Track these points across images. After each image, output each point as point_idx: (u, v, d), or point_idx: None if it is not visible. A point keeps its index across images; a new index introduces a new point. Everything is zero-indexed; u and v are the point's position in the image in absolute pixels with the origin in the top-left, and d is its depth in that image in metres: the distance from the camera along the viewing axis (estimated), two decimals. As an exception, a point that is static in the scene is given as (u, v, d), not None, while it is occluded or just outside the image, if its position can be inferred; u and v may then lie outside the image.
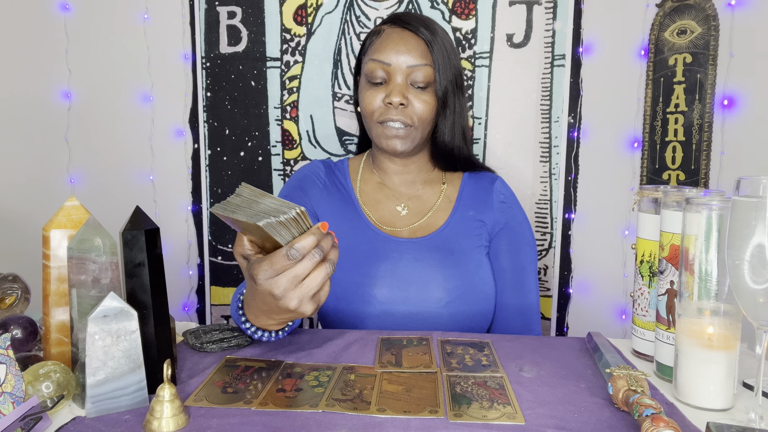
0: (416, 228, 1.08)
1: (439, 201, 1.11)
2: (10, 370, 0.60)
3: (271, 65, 1.71)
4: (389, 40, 1.04)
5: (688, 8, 1.54)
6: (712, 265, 0.66)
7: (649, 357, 0.83)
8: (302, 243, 0.66)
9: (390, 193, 1.12)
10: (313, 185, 1.14)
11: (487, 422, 0.61)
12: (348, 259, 1.03)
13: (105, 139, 1.79)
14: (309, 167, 1.17)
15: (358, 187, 1.14)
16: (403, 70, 1.02)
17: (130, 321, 0.64)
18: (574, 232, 1.67)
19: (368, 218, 1.09)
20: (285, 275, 0.67)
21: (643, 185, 1.55)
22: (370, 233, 1.07)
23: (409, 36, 1.03)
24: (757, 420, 0.61)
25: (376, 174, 1.15)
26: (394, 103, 1.01)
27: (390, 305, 1.01)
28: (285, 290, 0.67)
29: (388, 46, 1.03)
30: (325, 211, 1.11)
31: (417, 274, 1.02)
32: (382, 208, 1.11)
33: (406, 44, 1.02)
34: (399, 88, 1.01)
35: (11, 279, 0.92)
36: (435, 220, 1.09)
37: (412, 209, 1.10)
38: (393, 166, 1.12)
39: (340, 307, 1.03)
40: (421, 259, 1.03)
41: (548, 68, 1.62)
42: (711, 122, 1.53)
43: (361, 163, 1.18)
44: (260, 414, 0.63)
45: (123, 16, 1.74)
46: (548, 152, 1.65)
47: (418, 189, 1.13)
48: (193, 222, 1.79)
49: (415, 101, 1.02)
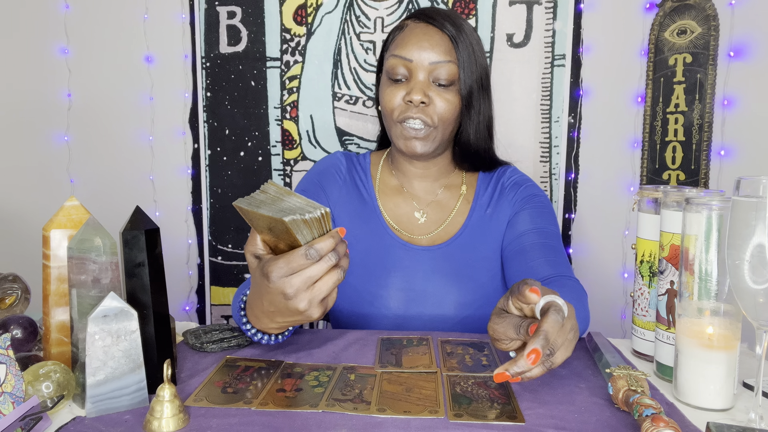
0: (434, 236, 1.04)
1: (458, 204, 1.06)
2: (10, 370, 0.60)
3: (271, 65, 1.71)
4: (412, 35, 0.98)
5: (688, 8, 1.54)
6: (712, 265, 0.66)
7: (649, 357, 0.83)
8: (322, 244, 0.66)
9: (409, 197, 1.08)
10: (332, 181, 1.09)
11: (487, 422, 0.61)
12: (364, 264, 1.02)
13: (105, 139, 1.79)
14: (330, 159, 1.12)
15: (377, 187, 1.09)
16: (425, 67, 0.96)
17: (130, 321, 0.64)
18: (574, 232, 1.67)
19: (386, 222, 1.05)
20: (300, 275, 0.66)
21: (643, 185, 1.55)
22: (387, 238, 1.04)
23: (433, 31, 0.97)
24: (757, 420, 0.61)
25: (395, 176, 1.09)
26: (415, 101, 0.95)
27: (404, 317, 1.01)
28: (297, 290, 0.67)
29: (410, 42, 0.97)
30: (343, 209, 1.07)
31: (432, 288, 1.00)
32: (400, 213, 1.07)
33: (430, 40, 0.96)
34: (420, 86, 0.96)
35: (11, 279, 0.92)
36: (453, 225, 1.05)
37: (430, 217, 1.06)
38: (413, 169, 1.07)
39: (354, 311, 1.02)
40: (436, 270, 1.01)
41: (548, 68, 1.62)
42: (711, 122, 1.53)
43: (381, 161, 1.12)
44: (260, 414, 0.63)
45: (123, 16, 1.74)
46: (548, 152, 1.65)
47: (437, 194, 1.08)
48: (193, 222, 1.79)
49: (437, 99, 0.96)
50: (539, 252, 0.97)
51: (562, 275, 0.94)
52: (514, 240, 1.01)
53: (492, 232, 1.04)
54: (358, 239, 1.04)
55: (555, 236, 1.02)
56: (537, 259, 0.96)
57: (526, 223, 1.02)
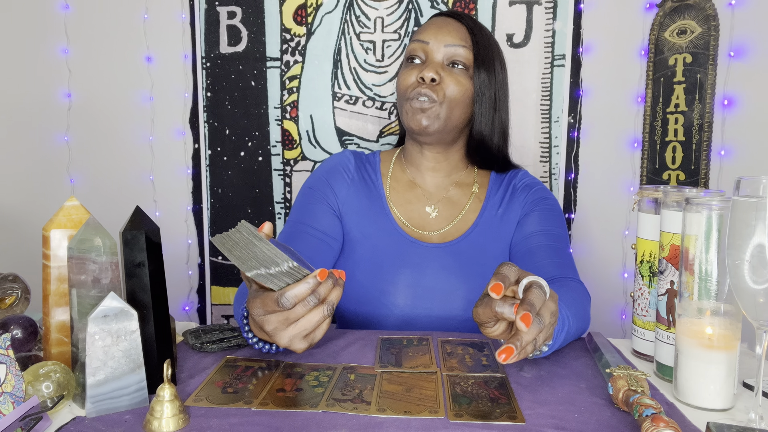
0: (445, 233, 1.05)
1: (470, 202, 1.07)
2: (10, 370, 0.60)
3: (271, 65, 1.71)
4: (432, 23, 1.04)
5: (688, 8, 1.54)
6: (712, 265, 0.66)
7: (649, 357, 0.83)
8: (294, 292, 0.65)
9: (420, 193, 1.08)
10: (340, 178, 1.09)
11: (487, 422, 0.61)
12: (372, 262, 1.02)
13: (105, 139, 1.79)
14: (338, 158, 1.12)
15: (388, 184, 1.09)
16: (441, 49, 1.01)
17: (130, 321, 0.64)
18: (574, 232, 1.67)
19: (396, 219, 1.06)
20: (277, 315, 0.67)
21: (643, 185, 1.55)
22: (396, 236, 1.04)
23: (452, 21, 1.03)
24: (757, 420, 0.61)
25: (408, 171, 1.10)
26: (426, 77, 0.98)
27: (411, 316, 1.01)
28: (276, 329, 0.67)
29: (429, 28, 1.03)
30: (351, 208, 1.07)
31: (441, 285, 1.00)
32: (411, 209, 1.07)
33: (448, 27, 1.02)
34: (434, 66, 0.99)
35: (11, 279, 0.92)
36: (464, 223, 1.06)
37: (441, 212, 1.07)
38: (425, 161, 1.08)
39: (360, 311, 1.02)
40: (446, 267, 1.01)
41: (548, 68, 1.62)
42: (711, 122, 1.53)
43: (393, 158, 1.13)
44: (260, 414, 0.63)
45: (123, 16, 1.74)
46: (548, 152, 1.65)
47: (449, 190, 1.09)
48: (193, 222, 1.79)
49: (448, 79, 0.99)
50: (545, 253, 0.99)
51: (566, 277, 0.94)
52: (522, 241, 1.03)
53: (502, 232, 1.05)
54: (366, 236, 1.04)
55: (562, 239, 1.03)
56: (543, 261, 0.97)
57: (534, 224, 1.03)
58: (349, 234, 1.06)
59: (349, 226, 1.06)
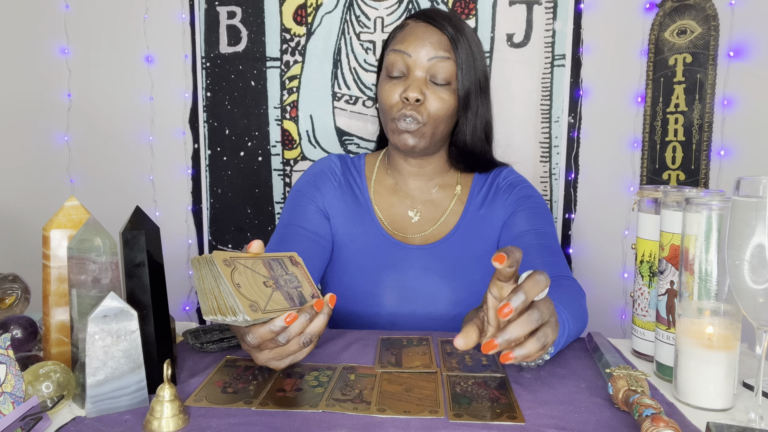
0: (427, 235, 1.06)
1: (452, 204, 1.07)
2: (10, 370, 0.60)
3: (270, 65, 1.71)
4: (412, 32, 1.00)
5: (688, 8, 1.54)
6: (712, 265, 0.66)
7: (649, 357, 0.83)
8: (259, 332, 0.64)
9: (403, 196, 1.09)
10: (327, 182, 1.10)
11: (487, 422, 0.61)
12: (358, 265, 1.04)
13: (105, 139, 1.79)
14: (324, 162, 1.13)
15: (372, 188, 1.10)
16: (423, 64, 0.98)
17: (130, 321, 0.64)
18: (574, 232, 1.67)
19: (380, 222, 1.07)
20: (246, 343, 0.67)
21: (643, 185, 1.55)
22: (381, 238, 1.05)
23: (433, 30, 0.99)
24: (757, 420, 0.61)
25: (391, 176, 1.11)
26: (411, 98, 0.96)
27: (398, 315, 1.02)
28: (251, 350, 0.69)
29: (410, 38, 0.99)
30: (338, 211, 1.09)
31: (425, 286, 1.02)
32: (394, 213, 1.08)
33: (429, 37, 0.98)
34: (417, 83, 0.97)
35: (11, 279, 0.92)
36: (446, 225, 1.06)
37: (424, 215, 1.07)
38: (408, 167, 1.08)
39: (353, 310, 1.05)
40: (429, 268, 1.02)
41: (548, 68, 1.62)
42: (711, 122, 1.53)
43: (377, 162, 1.14)
44: (260, 414, 0.63)
45: (123, 16, 1.74)
46: (548, 152, 1.65)
47: (431, 193, 1.09)
48: (193, 222, 1.79)
49: (431, 98, 0.98)
50: (537, 253, 0.98)
51: (560, 275, 0.94)
52: (512, 241, 1.02)
53: (485, 232, 1.05)
54: (352, 239, 1.06)
55: (552, 237, 1.02)
56: (535, 260, 0.97)
57: (523, 224, 1.03)
58: (336, 236, 1.08)
59: (336, 228, 1.08)
